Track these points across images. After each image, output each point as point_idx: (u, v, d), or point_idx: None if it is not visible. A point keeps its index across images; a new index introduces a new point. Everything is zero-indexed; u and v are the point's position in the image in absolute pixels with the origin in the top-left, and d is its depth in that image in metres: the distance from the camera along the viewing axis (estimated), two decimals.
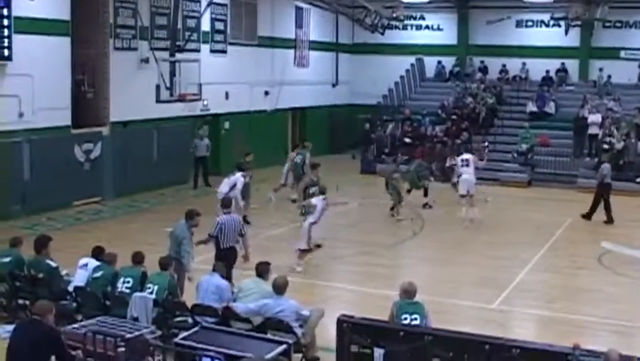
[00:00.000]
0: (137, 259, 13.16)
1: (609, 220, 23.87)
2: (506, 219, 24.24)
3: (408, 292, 11.51)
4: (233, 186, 20.38)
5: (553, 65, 37.49)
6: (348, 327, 10.62)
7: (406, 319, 11.08)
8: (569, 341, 10.26)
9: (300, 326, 11.41)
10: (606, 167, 24.73)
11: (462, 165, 23.51)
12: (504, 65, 38.35)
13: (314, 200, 18.62)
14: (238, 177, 20.58)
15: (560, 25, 36.68)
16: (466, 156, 24.05)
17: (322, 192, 19.07)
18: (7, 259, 13.79)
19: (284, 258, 17.78)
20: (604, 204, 24.04)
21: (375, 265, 18.67)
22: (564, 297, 16.56)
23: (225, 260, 14.20)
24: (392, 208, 23.85)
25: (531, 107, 35.25)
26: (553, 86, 36.81)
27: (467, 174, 23.20)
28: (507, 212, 25.31)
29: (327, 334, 11.74)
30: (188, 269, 14.21)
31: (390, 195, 23.83)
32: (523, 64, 37.94)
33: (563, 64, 37.47)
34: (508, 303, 15.97)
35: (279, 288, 11.59)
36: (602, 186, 24.24)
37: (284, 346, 10.39)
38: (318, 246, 19.01)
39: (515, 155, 32.32)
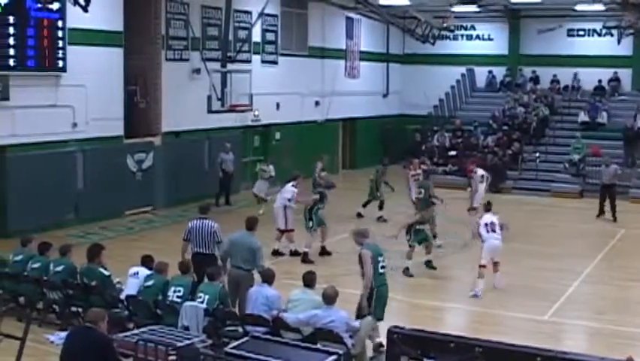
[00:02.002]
0: (183, 268, 13.26)
1: (606, 218, 25.60)
2: (558, 230, 23.96)
3: (364, 235, 13.28)
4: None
5: (605, 74, 37.04)
6: (398, 338, 10.57)
7: (382, 261, 12.80)
8: (622, 354, 10.12)
9: (351, 337, 11.37)
10: (616, 168, 26.60)
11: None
12: (555, 75, 38.00)
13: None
14: (288, 188, 20.47)
15: (612, 34, 36.22)
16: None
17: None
18: (59, 268, 13.99)
19: (329, 268, 17.84)
20: (611, 203, 25.62)
21: (424, 276, 18.57)
22: (617, 309, 16.32)
23: (196, 266, 14.08)
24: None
25: (583, 117, 34.90)
26: (606, 95, 36.41)
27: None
28: (559, 223, 25.04)
29: None
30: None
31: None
32: (575, 74, 37.52)
33: (615, 73, 37.01)
34: (560, 315, 15.77)
35: (330, 298, 11.53)
36: (609, 187, 25.83)
37: (334, 356, 10.33)
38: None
39: (567, 165, 32.01)
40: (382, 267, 12.83)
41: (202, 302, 12.09)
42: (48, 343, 12.78)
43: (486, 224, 17.47)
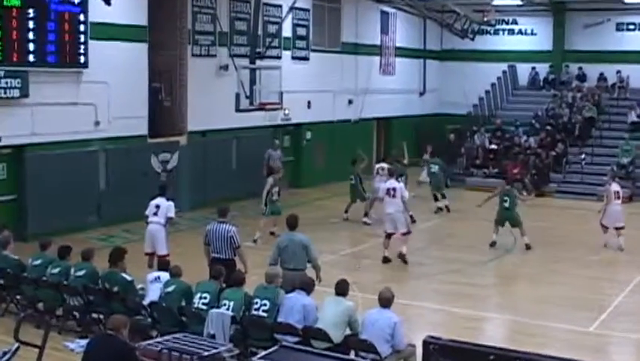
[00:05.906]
0: (214, 273, 13.30)
1: None
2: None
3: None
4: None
5: None
6: (434, 349, 10.57)
7: (257, 303, 12.30)
8: None
9: (392, 349, 11.33)
10: None
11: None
12: (602, 73, 37.67)
13: None
14: (165, 204, 18.54)
15: None
16: None
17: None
18: (81, 273, 14.03)
19: (365, 275, 17.84)
20: None
21: (461, 284, 18.54)
22: None
23: (212, 270, 14.05)
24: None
25: (632, 117, 34.60)
26: None
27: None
28: None
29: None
30: (319, 276, 14.31)
31: None
32: (618, 72, 37.09)
33: None
34: (607, 327, 15.62)
35: (383, 301, 11.60)
36: None
37: None
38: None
39: (615, 168, 31.76)
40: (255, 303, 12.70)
41: (227, 309, 12.12)
42: (68, 351, 12.88)
43: (615, 192, 22.39)
